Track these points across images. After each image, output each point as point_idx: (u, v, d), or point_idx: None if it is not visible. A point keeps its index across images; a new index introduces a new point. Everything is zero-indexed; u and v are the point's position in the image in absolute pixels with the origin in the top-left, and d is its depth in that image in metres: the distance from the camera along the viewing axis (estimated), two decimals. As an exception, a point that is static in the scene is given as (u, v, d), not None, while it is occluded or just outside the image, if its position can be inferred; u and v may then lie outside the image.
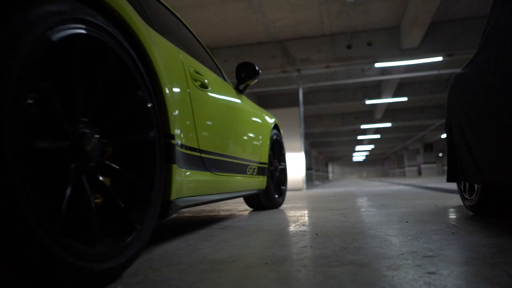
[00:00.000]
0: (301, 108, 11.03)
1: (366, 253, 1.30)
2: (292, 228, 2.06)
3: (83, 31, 0.97)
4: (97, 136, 1.04)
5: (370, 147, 37.97)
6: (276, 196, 3.38)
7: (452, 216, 2.32)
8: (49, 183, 0.91)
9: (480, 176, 1.86)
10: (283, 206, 3.73)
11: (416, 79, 15.45)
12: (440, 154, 44.64)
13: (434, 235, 1.61)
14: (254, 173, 2.73)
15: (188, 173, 1.60)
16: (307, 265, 1.17)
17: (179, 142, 1.52)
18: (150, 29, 1.48)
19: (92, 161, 1.01)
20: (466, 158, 2.07)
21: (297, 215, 2.73)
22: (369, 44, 10.62)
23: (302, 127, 10.69)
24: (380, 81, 15.60)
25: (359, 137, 27.76)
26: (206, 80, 1.97)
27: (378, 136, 27.75)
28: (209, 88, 1.99)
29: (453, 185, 7.07)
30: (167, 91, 1.41)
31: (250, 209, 3.53)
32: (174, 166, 1.42)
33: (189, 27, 2.44)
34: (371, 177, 51.32)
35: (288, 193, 6.75)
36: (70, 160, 0.94)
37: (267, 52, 11.04)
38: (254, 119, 2.81)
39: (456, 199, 3.63)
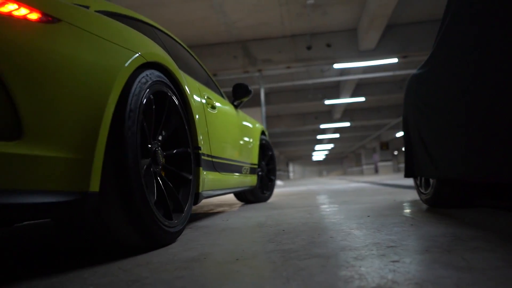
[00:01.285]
0: (263, 108, 11.13)
1: (333, 246, 1.35)
2: (259, 225, 2.09)
3: (159, 89, 1.62)
4: (159, 150, 1.65)
5: (330, 146, 38.86)
6: (261, 192, 3.93)
7: (410, 209, 2.44)
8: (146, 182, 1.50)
9: (435, 171, 1.97)
10: (256, 205, 3.76)
11: (373, 80, 15.99)
12: (396, 152, 46.38)
13: (395, 227, 1.69)
14: (248, 173, 3.28)
15: (205, 173, 2.12)
16: (278, 259, 1.20)
17: (202, 151, 2.07)
18: (182, 73, 2.03)
19: (159, 166, 1.64)
20: (422, 154, 2.19)
21: (263, 214, 2.76)
22: (329, 45, 10.88)
23: (264, 127, 10.79)
24: (339, 81, 16.00)
25: (319, 137, 28.34)
26: (214, 103, 2.54)
27: (337, 135, 28.46)
28: (216, 109, 2.55)
29: (409, 181, 7.39)
30: (194, 116, 1.98)
31: (219, 208, 3.53)
32: (200, 168, 2.00)
33: (195, 56, 3.04)
34: (331, 175, 52.55)
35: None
36: (152, 166, 1.57)
37: (229, 52, 11.05)
38: (246, 128, 3.39)
39: (413, 194, 3.81)
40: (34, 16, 1.15)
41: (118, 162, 1.31)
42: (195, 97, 2.12)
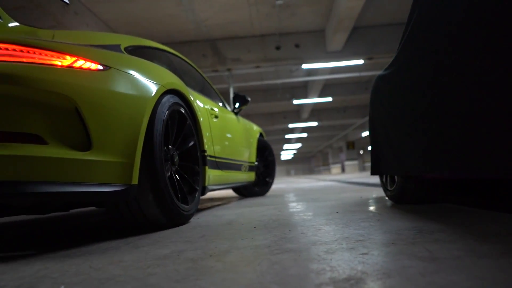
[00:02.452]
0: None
1: (304, 241, 1.38)
2: (229, 224, 2.11)
3: (176, 109, 2.18)
4: (176, 153, 2.20)
5: (298, 145, 39.31)
6: (256, 188, 4.59)
7: (376, 206, 2.52)
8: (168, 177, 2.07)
9: (399, 168, 2.05)
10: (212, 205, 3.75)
11: (340, 80, 16.32)
12: (361, 151, 47.47)
13: (362, 223, 1.75)
14: (246, 170, 3.90)
15: (211, 170, 2.72)
16: (251, 254, 1.22)
17: (207, 153, 2.67)
18: (191, 91, 2.68)
19: (176, 165, 2.18)
20: (388, 152, 2.27)
21: (233, 212, 2.78)
22: (297, 46, 11.02)
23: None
24: (307, 82, 16.23)
25: (287, 136, 28.63)
26: (217, 113, 3.17)
27: (305, 135, 28.84)
28: (219, 117, 3.18)
29: (375, 179, 7.60)
30: (201, 126, 2.55)
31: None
32: (206, 167, 2.60)
33: (200, 71, 3.65)
34: (299, 174, 53.17)
35: (222, 192, 6.80)
36: (171, 165, 2.12)
37: (198, 51, 10.98)
38: (245, 131, 4.02)
39: (378, 191, 3.93)
40: (94, 66, 1.72)
41: (149, 164, 1.87)
42: (201, 110, 2.72)
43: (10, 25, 1.77)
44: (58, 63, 1.62)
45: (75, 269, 1.18)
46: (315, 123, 22.70)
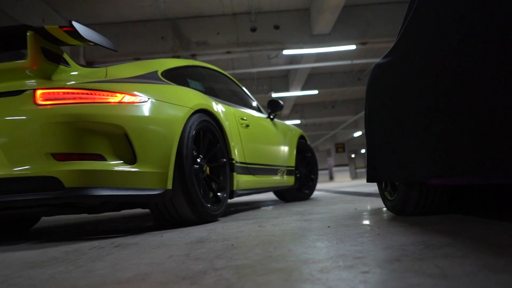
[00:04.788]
0: (198, 102, 11.12)
1: (293, 259, 1.43)
2: (201, 241, 2.14)
3: (203, 125, 3.18)
4: (205, 162, 3.22)
5: (277, 148, 39.51)
6: (301, 191, 5.65)
7: (374, 218, 2.60)
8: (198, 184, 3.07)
9: (403, 174, 2.13)
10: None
11: (327, 69, 16.55)
12: (353, 155, 48.22)
13: (359, 238, 1.82)
14: (284, 174, 4.90)
15: (240, 176, 3.67)
16: (231, 276, 1.25)
17: (236, 160, 3.62)
18: (218, 103, 3.65)
19: (204, 173, 3.17)
20: (388, 156, 2.36)
21: (203, 228, 2.81)
22: (276, 27, 11.12)
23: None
24: (288, 71, 16.40)
25: (265, 137, 28.73)
26: (248, 122, 4.12)
27: (285, 135, 29.01)
28: (250, 125, 4.14)
29: (370, 188, 7.77)
30: (229, 137, 3.52)
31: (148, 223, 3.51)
32: (234, 173, 3.55)
33: (236, 81, 4.88)
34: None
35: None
36: (201, 173, 3.13)
37: (154, 32, 10.91)
38: (282, 135, 5.05)
39: (376, 202, 4.04)
40: (137, 99, 2.74)
41: (180, 173, 2.84)
42: (230, 121, 3.68)
43: (73, 68, 2.76)
44: (112, 100, 2.61)
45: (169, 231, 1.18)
46: (297, 121, 22.92)
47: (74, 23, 2.51)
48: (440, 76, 1.70)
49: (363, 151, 45.57)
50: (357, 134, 31.05)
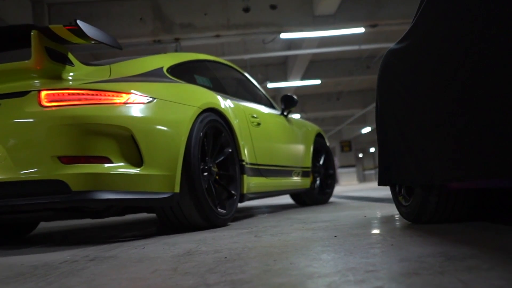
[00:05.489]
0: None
1: (296, 273, 1.45)
2: (188, 253, 2.15)
3: (212, 125, 3.45)
4: (213, 164, 3.51)
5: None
6: (319, 194, 5.90)
7: (387, 226, 2.63)
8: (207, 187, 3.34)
9: (420, 176, 2.15)
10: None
11: (331, 55, 16.56)
12: (361, 155, 48.33)
13: (371, 249, 1.84)
14: (299, 176, 5.17)
15: (251, 178, 3.91)
16: (227, 292, 1.27)
17: (246, 162, 3.85)
18: (227, 100, 3.90)
19: (213, 176, 3.48)
20: (403, 155, 2.37)
21: (192, 238, 2.82)
22: (273, 7, 11.11)
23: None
24: (286, 58, 16.39)
25: (259, 133, 28.73)
26: (259, 120, 4.37)
27: (283, 131, 29.02)
28: (261, 124, 4.38)
29: (380, 193, 7.81)
30: (238, 137, 3.74)
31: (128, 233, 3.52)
32: (244, 175, 3.78)
33: (246, 75, 5.22)
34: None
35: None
36: (210, 176, 3.43)
37: (132, 13, 10.88)
38: (297, 133, 5.36)
39: (388, 208, 4.07)
40: (144, 99, 2.98)
41: (188, 175, 3.08)
42: (239, 120, 3.93)
43: (76, 67, 2.99)
44: (117, 101, 2.85)
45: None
46: (296, 115, 22.92)
47: (79, 22, 2.71)
48: (466, 62, 1.71)
49: (372, 150, 45.68)
50: (366, 130, 31.13)
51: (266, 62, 16.91)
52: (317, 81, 17.34)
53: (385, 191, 7.65)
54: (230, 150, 3.63)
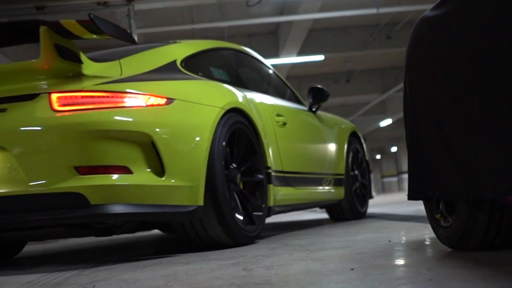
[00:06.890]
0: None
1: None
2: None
3: (236, 127, 3.94)
4: (238, 173, 4.04)
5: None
6: (356, 207, 6.17)
7: (421, 255, 2.63)
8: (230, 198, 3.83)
9: (467, 187, 2.15)
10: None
11: (339, 22, 16.55)
12: (379, 156, 48.25)
13: (402, 286, 1.84)
14: (331, 185, 5.61)
15: (278, 188, 4.31)
16: None
17: (273, 169, 4.28)
18: (249, 96, 4.40)
19: (238, 185, 3.99)
20: (442, 160, 2.37)
21: (159, 273, 2.81)
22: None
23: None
24: (277, 25, 16.36)
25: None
26: (285, 119, 4.79)
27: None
28: (287, 123, 4.80)
29: (408, 208, 7.81)
30: (263, 140, 4.19)
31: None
32: (271, 185, 4.22)
33: (271, 68, 5.77)
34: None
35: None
36: (234, 186, 3.95)
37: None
38: (327, 133, 5.81)
39: (418, 229, 4.07)
40: (162, 101, 3.44)
41: (211, 186, 3.45)
42: (264, 120, 4.34)
43: (85, 65, 3.34)
44: (135, 104, 3.27)
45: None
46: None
47: (93, 16, 3.04)
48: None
49: (394, 149, 45.63)
50: (385, 123, 31.18)
51: (250, 32, 16.86)
52: (320, 57, 17.32)
53: (414, 206, 7.66)
54: (257, 156, 4.05)
